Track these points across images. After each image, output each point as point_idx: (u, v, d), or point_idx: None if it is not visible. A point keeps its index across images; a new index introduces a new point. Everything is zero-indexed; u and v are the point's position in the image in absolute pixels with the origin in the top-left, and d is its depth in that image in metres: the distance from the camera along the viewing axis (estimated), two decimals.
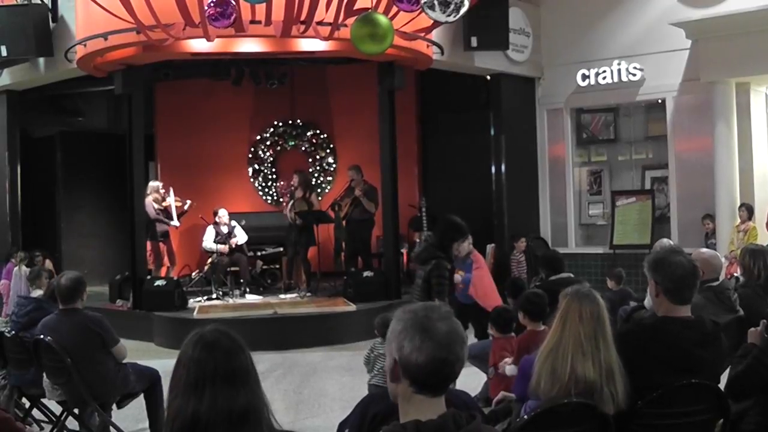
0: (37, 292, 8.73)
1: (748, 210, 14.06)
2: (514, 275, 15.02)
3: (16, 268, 14.20)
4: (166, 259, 15.88)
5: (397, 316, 3.03)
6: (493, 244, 15.98)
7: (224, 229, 15.55)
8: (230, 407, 3.14)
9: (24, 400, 8.22)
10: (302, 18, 11.60)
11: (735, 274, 10.83)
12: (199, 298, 14.81)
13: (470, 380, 8.36)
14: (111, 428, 7.51)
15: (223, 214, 15.65)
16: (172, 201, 15.63)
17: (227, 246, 15.43)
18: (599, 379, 4.30)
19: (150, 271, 15.35)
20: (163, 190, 15.73)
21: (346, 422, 3.65)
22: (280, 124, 19.12)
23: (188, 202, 15.95)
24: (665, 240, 10.71)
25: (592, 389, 4.30)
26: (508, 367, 6.62)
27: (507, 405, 6.20)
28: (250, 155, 19.12)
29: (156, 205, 15.42)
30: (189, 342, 3.27)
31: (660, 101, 16.09)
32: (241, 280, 15.56)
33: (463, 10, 10.34)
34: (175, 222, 15.66)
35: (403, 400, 3.01)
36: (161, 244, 15.69)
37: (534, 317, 6.72)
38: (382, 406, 3.33)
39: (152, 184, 15.80)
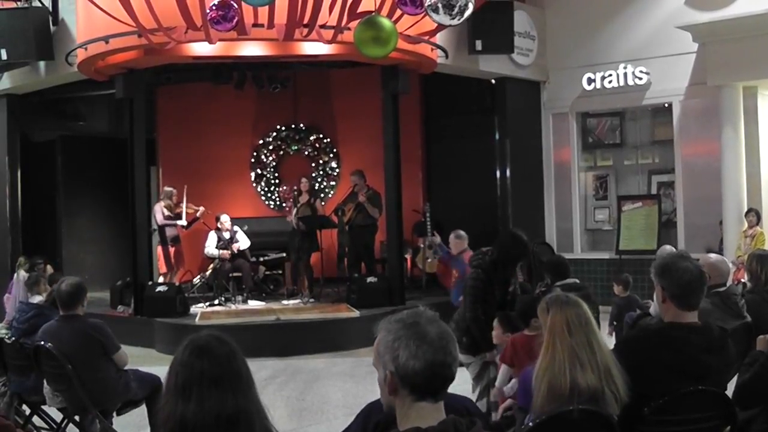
0: (37, 298, 8.64)
1: (756, 215, 13.96)
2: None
3: (16, 274, 14.09)
4: (173, 263, 15.78)
5: (384, 327, 3.06)
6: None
7: (226, 235, 15.44)
8: (218, 411, 3.16)
9: (24, 407, 8.12)
10: (305, 21, 11.56)
11: (742, 280, 10.70)
12: (201, 304, 14.71)
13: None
14: None
15: (225, 220, 15.56)
16: (184, 207, 15.54)
17: (229, 251, 15.31)
18: (601, 384, 4.25)
19: (164, 275, 15.43)
20: (176, 197, 15.64)
21: None
22: (283, 128, 19.02)
23: (201, 208, 15.84)
24: (668, 246, 10.66)
25: (595, 396, 4.24)
26: (507, 388, 6.49)
27: (511, 415, 6.11)
28: (253, 160, 19.02)
29: (167, 212, 15.34)
30: (181, 346, 3.32)
31: (666, 105, 16.05)
32: (244, 286, 15.47)
33: (467, 13, 10.22)
34: (182, 221, 15.55)
35: (402, 409, 3.01)
36: (171, 248, 15.60)
37: (529, 322, 6.62)
38: (384, 414, 3.29)
39: (166, 189, 15.81)
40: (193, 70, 15.41)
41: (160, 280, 15.57)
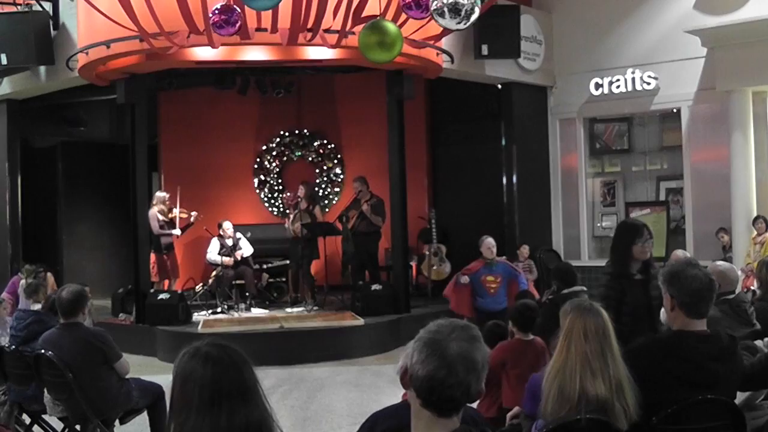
0: (36, 306, 8.54)
1: (764, 222, 13.81)
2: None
3: (22, 281, 14.02)
4: (168, 271, 15.63)
5: (426, 326, 3.05)
6: (503, 257, 15.75)
7: (229, 242, 15.33)
8: (248, 422, 3.12)
9: (24, 416, 8.10)
10: (309, 25, 11.47)
11: (752, 288, 10.57)
12: (204, 312, 14.62)
13: None
14: None
15: (227, 227, 15.46)
16: (177, 212, 15.43)
17: (232, 258, 15.20)
18: (610, 396, 4.27)
19: (153, 283, 15.16)
20: (169, 202, 15.52)
21: None
22: (287, 134, 18.98)
23: (194, 213, 15.75)
24: (680, 251, 10.51)
25: (604, 406, 4.26)
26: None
27: (518, 424, 6.08)
28: (256, 166, 18.97)
29: (161, 217, 15.21)
30: (194, 360, 3.23)
31: (675, 110, 15.92)
32: (247, 294, 15.38)
33: (473, 18, 10.08)
34: (176, 231, 15.41)
35: (414, 411, 3.03)
36: (165, 257, 15.44)
37: (523, 328, 6.81)
38: (390, 423, 3.33)
39: (159, 194, 15.67)
40: (195, 75, 15.39)
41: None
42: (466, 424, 3.07)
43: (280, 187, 18.67)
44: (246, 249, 15.62)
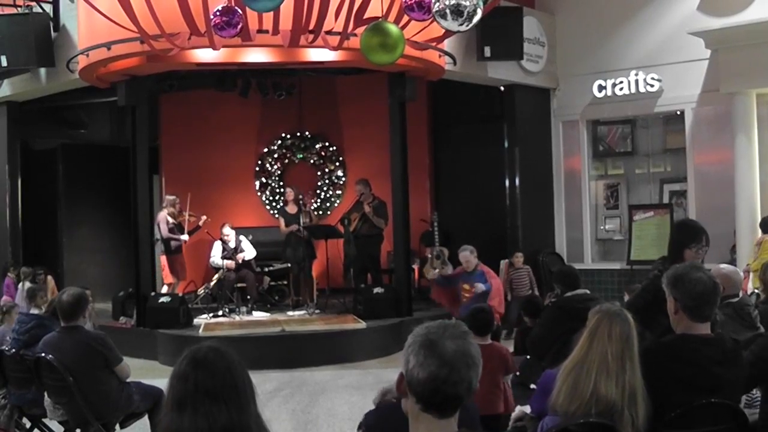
0: (35, 309, 8.50)
1: (761, 226, 13.64)
2: (514, 294, 14.81)
3: (21, 284, 14.00)
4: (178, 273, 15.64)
5: (413, 331, 3.05)
6: (506, 260, 15.70)
7: (231, 245, 15.30)
8: (210, 425, 3.16)
9: (25, 420, 8.14)
10: (311, 27, 11.43)
11: (755, 291, 10.52)
12: (205, 315, 14.56)
13: None
14: None
15: (227, 232, 15.41)
16: (187, 216, 15.43)
17: (234, 261, 15.16)
18: (621, 401, 4.26)
19: (169, 285, 15.41)
20: (179, 205, 15.49)
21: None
22: (288, 136, 18.95)
23: (203, 217, 15.74)
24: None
25: (612, 410, 4.25)
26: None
27: (522, 426, 6.02)
28: (257, 168, 18.94)
29: (171, 220, 15.21)
30: (180, 358, 3.34)
31: (678, 113, 15.86)
32: (248, 297, 15.36)
33: (476, 19, 10.03)
34: (184, 236, 15.45)
35: (412, 418, 3.03)
36: (175, 259, 15.44)
37: (478, 332, 6.79)
38: (389, 429, 3.41)
39: (168, 197, 15.75)
40: (196, 77, 15.33)
41: (164, 290, 15.43)
42: (466, 426, 3.07)
43: (282, 190, 18.59)
44: (248, 252, 15.62)
